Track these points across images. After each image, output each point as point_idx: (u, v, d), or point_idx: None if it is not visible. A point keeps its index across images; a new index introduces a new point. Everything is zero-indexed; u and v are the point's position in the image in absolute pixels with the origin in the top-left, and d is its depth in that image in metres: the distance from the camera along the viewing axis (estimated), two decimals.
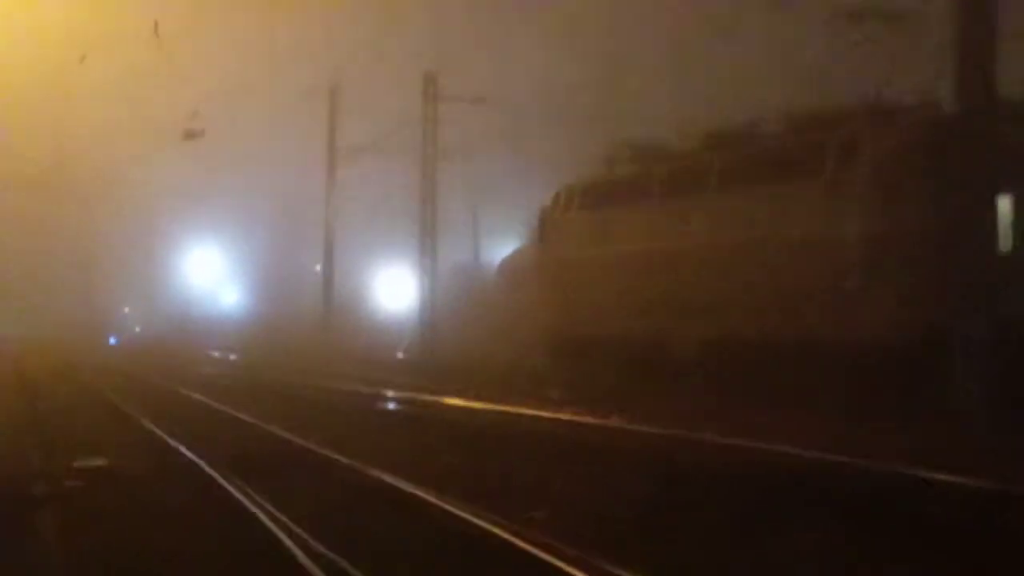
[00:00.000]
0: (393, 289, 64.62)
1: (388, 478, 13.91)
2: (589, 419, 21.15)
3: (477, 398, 26.06)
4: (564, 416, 21.79)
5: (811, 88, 27.57)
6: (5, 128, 53.35)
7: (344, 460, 15.72)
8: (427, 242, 43.12)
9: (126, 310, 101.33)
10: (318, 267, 67.76)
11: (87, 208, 74.10)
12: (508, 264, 42.15)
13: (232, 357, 60.25)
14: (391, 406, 26.60)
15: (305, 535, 10.56)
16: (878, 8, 25.63)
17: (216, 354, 62.89)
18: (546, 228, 32.37)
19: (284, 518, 11.39)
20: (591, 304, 29.55)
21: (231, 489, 13.28)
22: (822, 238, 22.26)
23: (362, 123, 48.71)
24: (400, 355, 50.28)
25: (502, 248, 47.87)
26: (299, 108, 52.79)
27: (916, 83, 23.38)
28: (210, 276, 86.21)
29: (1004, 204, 19.88)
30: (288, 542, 10.24)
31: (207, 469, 14.99)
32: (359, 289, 67.32)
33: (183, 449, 17.26)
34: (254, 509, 11.96)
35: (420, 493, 12.79)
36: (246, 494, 12.86)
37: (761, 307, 23.51)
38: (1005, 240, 19.73)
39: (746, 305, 23.93)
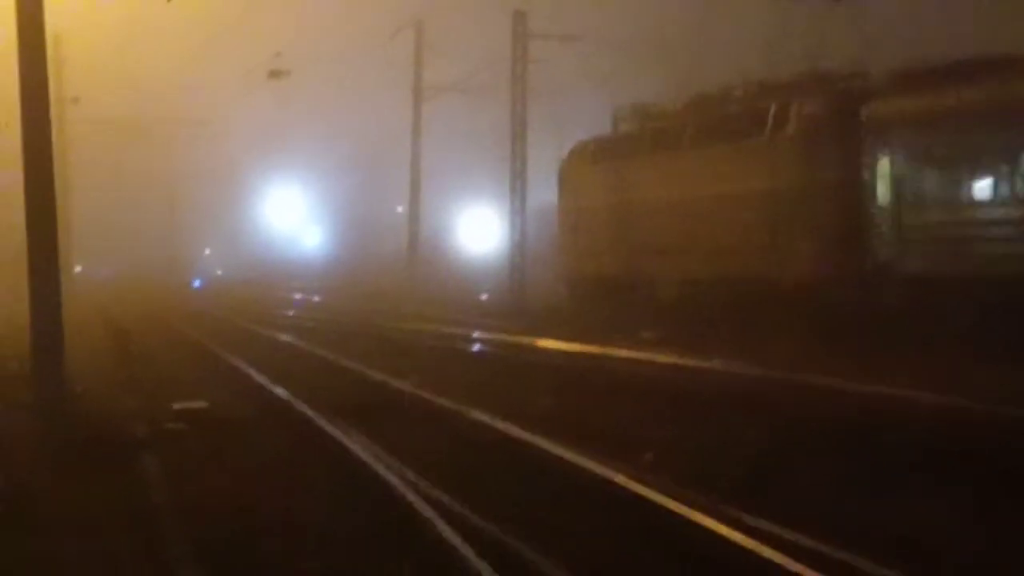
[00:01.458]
0: (477, 231, 64.39)
1: (497, 423, 13.62)
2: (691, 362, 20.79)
3: (570, 339, 25.72)
4: (663, 359, 21.44)
5: (770, 58, 32.04)
6: (91, 69, 53.48)
7: (446, 403, 15.48)
8: (517, 184, 42.61)
9: (207, 252, 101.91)
10: (400, 208, 67.66)
11: (171, 150, 74.42)
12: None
13: (316, 299, 60.41)
14: (483, 348, 26.32)
15: (417, 478, 10.33)
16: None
17: (299, 296, 63.12)
18: (562, 181, 36.64)
19: (394, 462, 11.17)
20: (597, 248, 33.54)
21: (334, 431, 13.09)
22: (764, 191, 26.28)
23: (449, 62, 48.41)
24: (484, 297, 50.07)
25: None
26: (385, 47, 52.43)
27: (850, 55, 28.08)
28: (292, 218, 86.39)
29: (884, 164, 23.55)
30: (401, 488, 9.97)
31: (307, 411, 14.81)
32: (443, 231, 67.15)
33: (280, 391, 17.13)
34: (360, 452, 11.74)
35: (527, 437, 12.53)
36: (351, 436, 12.65)
37: (719, 252, 27.55)
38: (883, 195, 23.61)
39: (708, 250, 27.95)
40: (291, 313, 43.85)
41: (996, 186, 21.17)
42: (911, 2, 38.84)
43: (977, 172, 21.62)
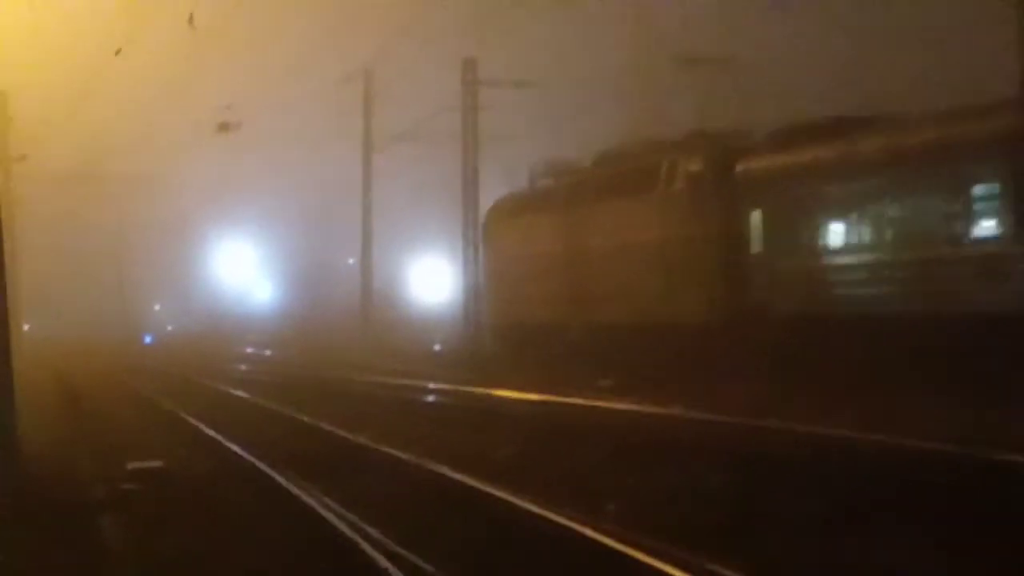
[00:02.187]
0: (430, 281, 64.23)
1: (454, 475, 13.48)
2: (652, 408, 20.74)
3: (527, 389, 25.62)
4: (623, 406, 21.38)
5: (665, 118, 36.09)
6: (39, 123, 53.13)
7: (403, 456, 15.32)
8: (469, 232, 42.48)
9: (157, 307, 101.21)
10: (352, 260, 67.43)
11: (120, 204, 73.98)
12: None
13: (267, 353, 60.03)
14: (440, 400, 26.16)
15: (379, 534, 10.19)
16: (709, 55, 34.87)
17: (250, 351, 62.70)
18: (486, 233, 39.97)
19: (352, 516, 11.04)
20: (518, 297, 36.38)
21: (292, 488, 12.92)
22: (658, 241, 29.05)
23: (400, 111, 48.38)
24: (437, 347, 49.92)
25: None
26: (334, 97, 52.34)
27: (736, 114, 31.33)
28: (242, 272, 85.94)
29: (756, 215, 26.33)
30: (364, 545, 9.82)
31: (264, 468, 14.61)
32: (396, 281, 66.93)
33: (236, 448, 16.89)
34: (319, 509, 11.58)
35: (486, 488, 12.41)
36: (308, 492, 12.49)
37: (623, 299, 30.26)
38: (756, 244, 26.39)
39: (614, 297, 30.67)
40: (243, 367, 43.56)
41: (847, 233, 24.16)
42: (794, 65, 41.82)
43: (830, 221, 24.47)
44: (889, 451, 14.15)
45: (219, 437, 18.47)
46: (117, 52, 22.76)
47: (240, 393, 29.27)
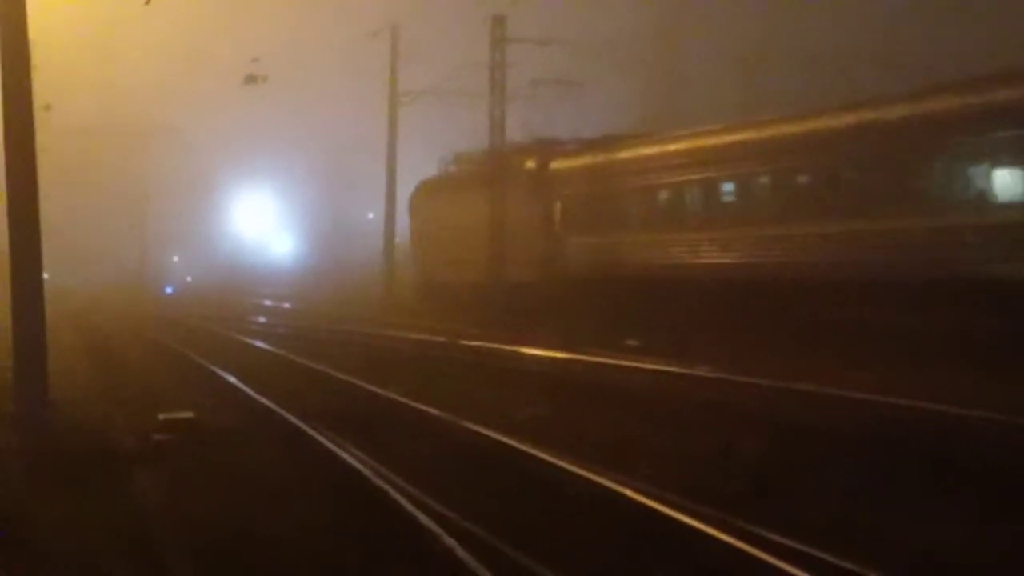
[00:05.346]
0: None
1: (488, 432, 13.53)
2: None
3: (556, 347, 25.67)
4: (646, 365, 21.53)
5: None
6: (64, 75, 53.01)
7: (434, 412, 15.38)
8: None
9: (176, 259, 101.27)
10: (371, 215, 67.34)
11: (143, 156, 73.96)
12: None
13: (286, 306, 60.11)
14: (466, 356, 26.15)
15: (409, 486, 10.25)
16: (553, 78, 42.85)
17: (269, 303, 62.80)
18: (411, 208, 48.64)
19: (383, 469, 11.11)
20: (431, 261, 45.10)
21: (320, 438, 13.02)
22: (505, 221, 38.16)
23: (426, 67, 48.23)
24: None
25: None
26: (361, 52, 52.16)
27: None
28: (263, 224, 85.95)
29: (558, 203, 35.49)
30: (393, 493, 9.87)
31: (292, 419, 14.70)
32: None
33: (262, 399, 16.99)
34: (347, 458, 11.65)
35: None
36: (336, 443, 12.56)
37: (487, 263, 38.84)
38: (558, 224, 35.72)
39: (482, 262, 39.04)
40: (263, 319, 43.65)
41: (616, 219, 32.17)
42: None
43: (603, 209, 32.82)
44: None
45: (245, 388, 18.57)
46: (147, 2, 22.57)
47: (261, 344, 29.35)
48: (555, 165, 35.65)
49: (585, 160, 34.32)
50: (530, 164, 36.84)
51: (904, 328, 21.39)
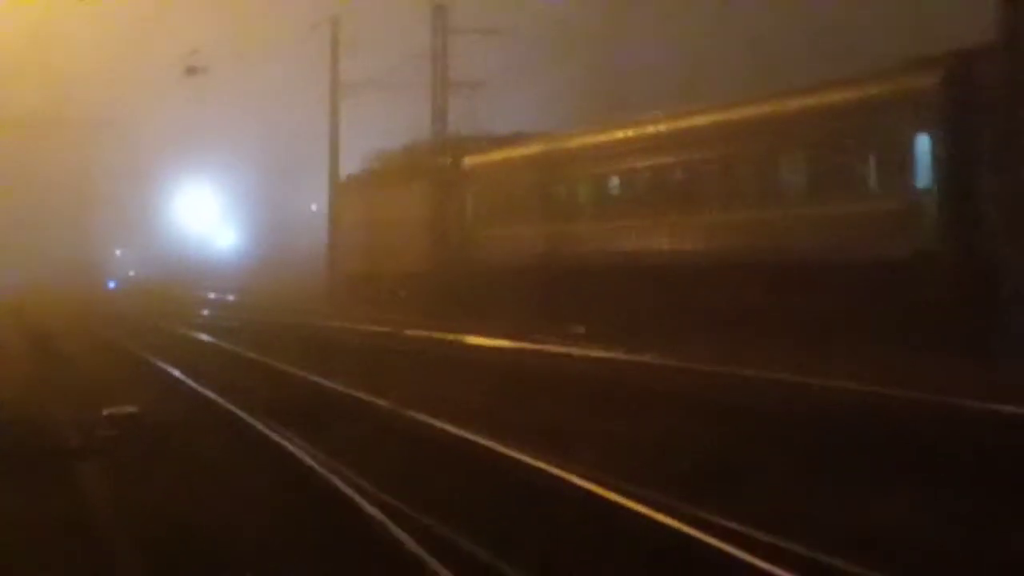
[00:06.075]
0: None
1: (433, 421, 13.59)
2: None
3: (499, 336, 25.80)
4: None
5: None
6: (2, 68, 52.49)
7: (379, 402, 15.42)
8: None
9: (118, 253, 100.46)
10: (314, 206, 67.12)
11: (83, 150, 73.26)
12: None
13: (230, 299, 59.87)
14: (409, 347, 26.21)
15: (354, 475, 10.29)
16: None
17: (213, 296, 62.49)
18: (336, 200, 52.20)
19: (326, 458, 11.15)
20: (353, 252, 48.37)
21: (264, 430, 13.04)
22: (418, 216, 41.12)
23: (369, 58, 48.13)
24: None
25: None
26: (303, 43, 51.90)
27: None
28: (205, 217, 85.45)
29: (470, 197, 38.99)
30: (342, 486, 9.90)
31: (236, 411, 14.70)
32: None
33: (207, 392, 16.96)
34: (294, 450, 11.67)
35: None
36: (282, 435, 12.57)
37: (402, 255, 42.40)
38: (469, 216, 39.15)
39: (397, 254, 42.75)
40: (207, 312, 43.51)
41: (525, 210, 35.01)
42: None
43: (515, 201, 35.81)
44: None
45: (190, 381, 18.52)
46: None
47: (206, 337, 29.31)
48: (467, 162, 38.59)
49: (493, 157, 37.59)
50: (444, 161, 40.06)
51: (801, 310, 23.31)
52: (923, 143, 21.81)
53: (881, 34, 38.32)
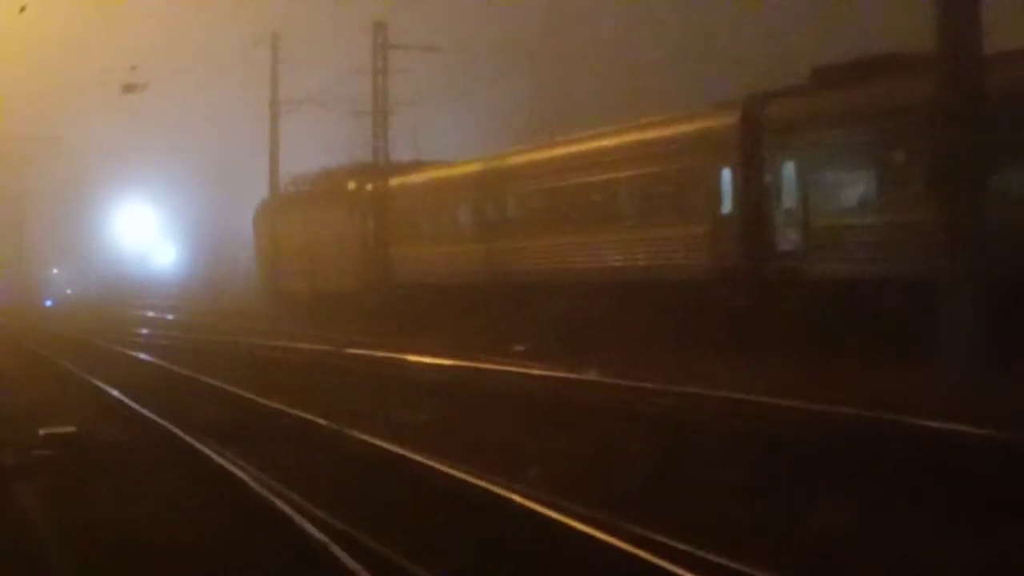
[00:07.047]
0: None
1: (374, 440, 13.54)
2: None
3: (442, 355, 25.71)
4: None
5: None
6: None
7: (320, 422, 15.35)
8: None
9: (55, 271, 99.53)
10: None
11: (18, 166, 72.52)
12: None
13: (170, 317, 59.43)
14: (350, 364, 26.11)
15: (291, 493, 10.24)
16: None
17: (152, 314, 62.03)
18: (256, 225, 53.80)
19: (264, 476, 11.11)
20: (276, 272, 49.57)
21: (203, 448, 12.95)
22: (337, 235, 42.96)
23: (309, 76, 47.92)
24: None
25: None
26: (242, 59, 51.57)
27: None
28: (144, 235, 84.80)
29: (392, 213, 40.39)
30: (279, 503, 9.86)
31: (175, 430, 14.59)
32: None
33: (145, 411, 16.81)
34: (236, 471, 11.60)
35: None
36: (221, 455, 12.50)
37: (325, 274, 44.18)
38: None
39: (320, 273, 44.58)
40: (145, 331, 43.13)
41: (421, 234, 38.17)
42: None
43: (410, 225, 38.65)
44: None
45: (128, 401, 18.35)
46: (22, 10, 22.26)
47: (145, 356, 29.03)
48: (370, 187, 40.88)
49: (396, 182, 40.00)
50: (351, 185, 42.18)
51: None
52: (725, 175, 24.62)
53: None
